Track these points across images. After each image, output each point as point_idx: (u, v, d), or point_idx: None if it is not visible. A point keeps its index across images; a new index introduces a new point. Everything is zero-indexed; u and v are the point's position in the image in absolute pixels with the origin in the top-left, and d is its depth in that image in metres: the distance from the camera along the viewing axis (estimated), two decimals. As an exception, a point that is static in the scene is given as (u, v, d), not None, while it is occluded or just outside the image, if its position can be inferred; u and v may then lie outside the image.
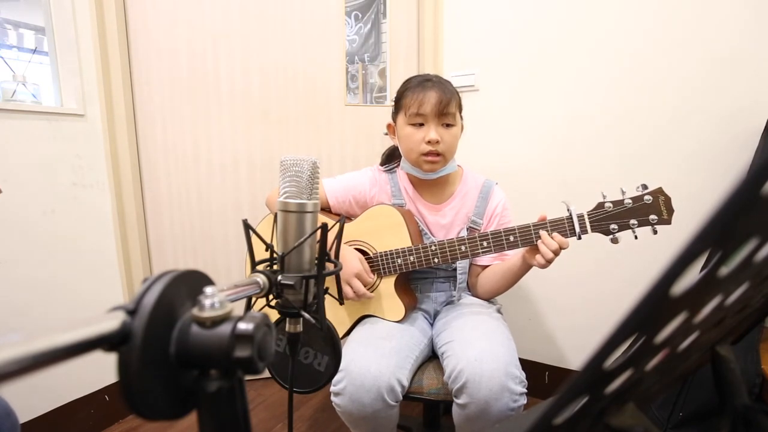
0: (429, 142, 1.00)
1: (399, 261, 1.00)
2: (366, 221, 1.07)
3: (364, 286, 0.99)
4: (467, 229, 1.09)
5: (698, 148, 1.24)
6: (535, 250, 0.92)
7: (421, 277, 1.11)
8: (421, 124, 1.02)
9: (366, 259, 1.04)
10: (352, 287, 0.98)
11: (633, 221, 0.88)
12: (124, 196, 1.45)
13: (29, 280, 1.24)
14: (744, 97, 1.18)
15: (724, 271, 0.19)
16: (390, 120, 1.12)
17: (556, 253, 0.89)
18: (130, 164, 1.45)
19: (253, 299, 0.44)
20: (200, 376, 0.28)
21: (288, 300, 0.44)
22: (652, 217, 0.87)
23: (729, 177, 1.22)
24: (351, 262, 0.98)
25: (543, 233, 0.90)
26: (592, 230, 0.90)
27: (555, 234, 0.89)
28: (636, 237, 0.89)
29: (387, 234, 1.03)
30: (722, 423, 0.34)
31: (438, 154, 1.01)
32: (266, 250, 0.47)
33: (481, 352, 0.86)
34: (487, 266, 1.11)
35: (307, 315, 0.45)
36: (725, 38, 1.18)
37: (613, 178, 1.36)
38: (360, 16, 1.61)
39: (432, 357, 1.05)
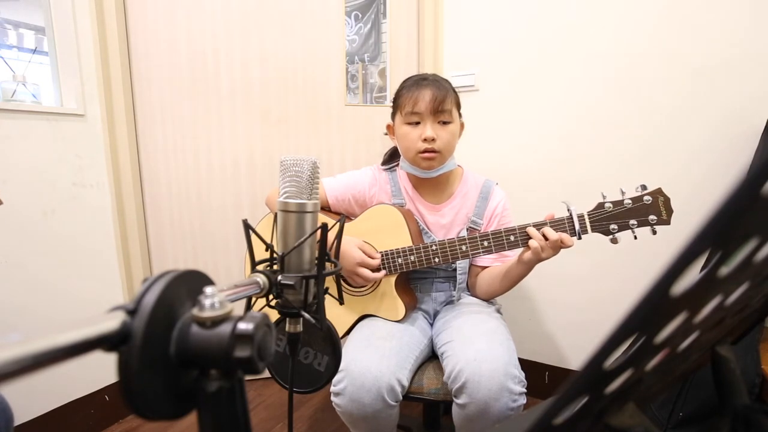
0: (425, 140, 1.00)
1: (399, 260, 1.00)
2: (366, 221, 1.07)
3: (372, 270, 0.99)
4: (467, 229, 1.09)
5: (698, 148, 1.24)
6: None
7: (421, 277, 1.11)
8: (418, 123, 1.02)
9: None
10: (360, 277, 0.98)
11: (632, 221, 0.88)
12: (124, 196, 1.45)
13: (29, 280, 1.24)
14: (744, 97, 1.17)
15: (724, 271, 0.19)
16: (390, 120, 1.12)
17: (553, 247, 0.89)
18: (130, 164, 1.45)
19: (253, 299, 0.44)
20: (200, 376, 0.28)
21: (288, 300, 0.44)
22: (652, 217, 0.87)
23: (729, 177, 1.22)
24: (350, 252, 0.98)
25: (542, 230, 0.90)
26: (592, 230, 0.90)
27: (561, 233, 0.89)
28: (635, 237, 0.90)
29: (387, 234, 1.03)
30: (722, 423, 0.34)
31: (435, 152, 1.01)
32: (266, 250, 0.47)
33: (481, 352, 0.86)
34: (487, 267, 1.11)
35: (307, 315, 0.45)
36: (725, 38, 1.18)
37: (613, 179, 1.36)
38: (360, 16, 1.61)
39: (432, 357, 1.05)
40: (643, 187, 0.89)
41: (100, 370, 1.40)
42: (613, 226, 0.89)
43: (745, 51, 1.16)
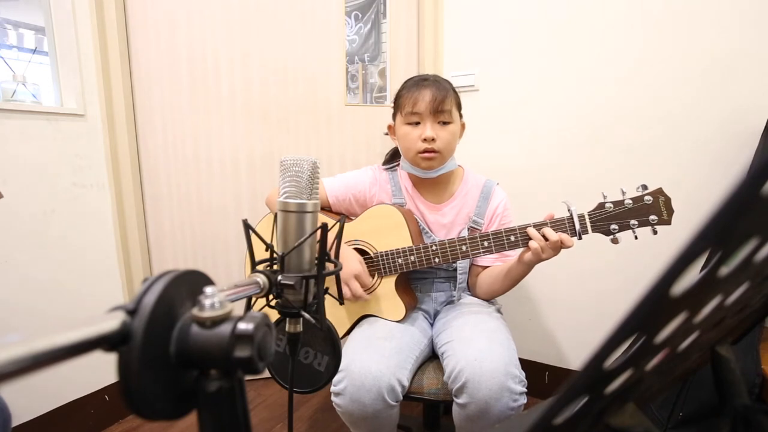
0: (425, 140, 1.00)
1: (400, 261, 1.00)
2: (366, 221, 1.07)
3: (363, 288, 0.99)
4: (468, 229, 1.09)
5: (698, 148, 1.24)
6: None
7: (421, 277, 1.11)
8: (418, 123, 1.02)
9: (366, 258, 1.04)
10: (350, 288, 0.98)
11: (633, 221, 0.88)
12: (124, 196, 1.45)
13: (29, 280, 1.24)
14: (744, 97, 1.17)
15: (724, 271, 0.19)
16: (391, 121, 1.12)
17: (554, 248, 0.89)
18: (130, 164, 1.45)
19: (253, 299, 0.44)
20: (200, 376, 0.28)
21: (288, 300, 0.44)
22: (652, 217, 0.87)
23: (729, 177, 1.22)
24: (351, 263, 0.98)
25: (542, 230, 0.90)
26: (593, 230, 0.90)
27: (561, 233, 0.89)
28: (636, 237, 0.90)
29: (388, 234, 1.03)
30: (722, 423, 0.34)
31: (435, 152, 1.02)
32: (266, 250, 0.47)
33: (481, 351, 0.86)
34: (488, 266, 1.11)
35: (307, 315, 0.45)
36: (725, 38, 1.18)
37: (614, 179, 1.36)
38: (360, 16, 1.61)
39: (432, 357, 1.05)
40: (644, 187, 0.88)
41: (100, 370, 1.40)
42: (613, 226, 0.89)
43: (745, 51, 1.16)
